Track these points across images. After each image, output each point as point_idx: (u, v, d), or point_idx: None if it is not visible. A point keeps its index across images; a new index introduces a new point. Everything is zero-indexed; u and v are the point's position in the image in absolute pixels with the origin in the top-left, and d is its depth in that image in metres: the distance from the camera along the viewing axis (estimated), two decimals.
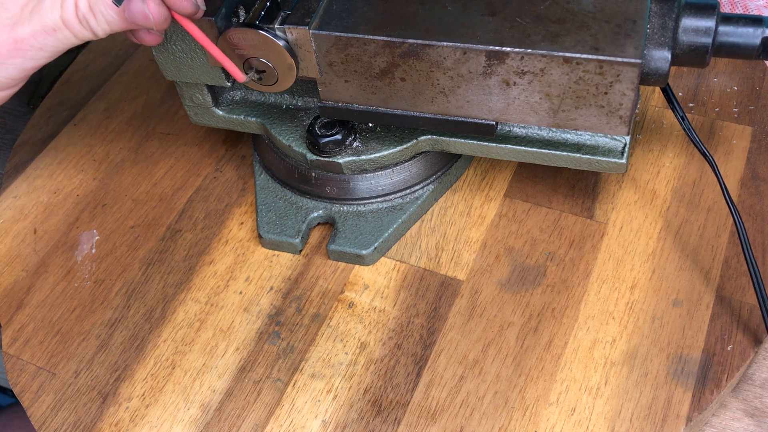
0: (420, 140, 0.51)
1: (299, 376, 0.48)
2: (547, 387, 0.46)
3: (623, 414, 0.45)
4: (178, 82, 0.52)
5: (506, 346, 0.48)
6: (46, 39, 0.43)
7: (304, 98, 0.53)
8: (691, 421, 0.44)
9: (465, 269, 0.52)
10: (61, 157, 0.62)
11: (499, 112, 0.46)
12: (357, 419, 0.46)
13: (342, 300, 0.51)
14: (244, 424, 0.46)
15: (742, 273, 0.50)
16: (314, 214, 0.54)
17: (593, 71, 0.42)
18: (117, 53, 0.71)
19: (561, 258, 0.52)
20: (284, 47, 0.46)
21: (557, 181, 0.56)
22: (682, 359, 0.47)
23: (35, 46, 0.43)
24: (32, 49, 0.43)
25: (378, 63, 0.45)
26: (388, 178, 0.53)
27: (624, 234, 0.52)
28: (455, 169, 0.55)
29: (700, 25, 0.44)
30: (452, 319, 0.49)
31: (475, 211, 0.55)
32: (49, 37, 0.43)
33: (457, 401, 0.46)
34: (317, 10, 0.46)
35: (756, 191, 0.54)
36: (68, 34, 0.43)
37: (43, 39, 0.43)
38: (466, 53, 0.43)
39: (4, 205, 0.60)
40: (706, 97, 0.60)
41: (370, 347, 0.49)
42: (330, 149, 0.51)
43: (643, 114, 0.59)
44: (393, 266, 0.52)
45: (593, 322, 0.48)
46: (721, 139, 0.57)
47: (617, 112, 0.44)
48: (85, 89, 0.68)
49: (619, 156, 0.48)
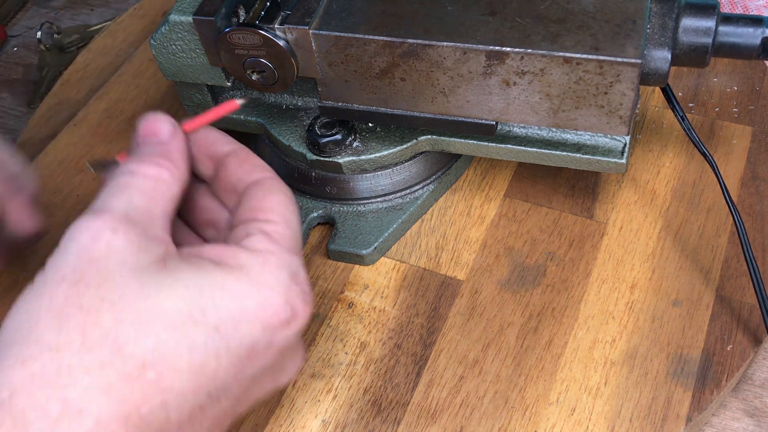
0: (420, 140, 0.51)
1: (299, 376, 0.48)
2: (547, 387, 0.46)
3: (623, 414, 0.45)
4: (177, 82, 0.52)
5: (506, 346, 0.48)
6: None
7: (304, 98, 0.53)
8: (691, 421, 0.44)
9: (465, 269, 0.52)
10: (61, 157, 0.62)
11: (499, 112, 0.46)
12: (357, 419, 0.46)
13: (342, 300, 0.51)
14: (244, 424, 0.46)
15: (742, 273, 0.50)
16: (314, 214, 0.54)
17: (593, 71, 0.42)
18: (117, 53, 0.71)
19: (561, 258, 0.52)
20: (284, 47, 0.46)
21: (557, 181, 0.56)
22: (682, 359, 0.47)
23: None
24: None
25: (378, 63, 0.45)
26: (388, 178, 0.53)
27: (624, 234, 0.52)
28: (455, 169, 0.56)
29: (700, 25, 0.44)
30: (452, 318, 0.49)
31: (475, 211, 0.55)
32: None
33: (457, 401, 0.46)
34: (317, 10, 0.46)
35: (756, 191, 0.54)
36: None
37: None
38: (466, 53, 0.43)
39: None
40: (706, 97, 0.60)
41: (370, 347, 0.49)
42: (330, 149, 0.51)
43: (643, 114, 0.59)
44: (393, 266, 0.52)
45: (593, 322, 0.49)
46: (721, 139, 0.57)
47: (617, 112, 0.44)
48: (85, 89, 0.68)
49: (619, 156, 0.48)
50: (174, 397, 0.31)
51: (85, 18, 0.82)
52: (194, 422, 0.32)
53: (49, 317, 0.31)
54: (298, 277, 0.36)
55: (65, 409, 0.29)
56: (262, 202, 0.37)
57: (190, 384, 0.31)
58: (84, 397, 0.29)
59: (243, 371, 0.33)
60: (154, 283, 0.32)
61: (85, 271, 0.32)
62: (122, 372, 0.30)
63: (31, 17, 0.83)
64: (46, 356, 0.30)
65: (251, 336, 0.33)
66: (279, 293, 0.34)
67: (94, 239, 0.32)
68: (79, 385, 0.29)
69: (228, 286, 0.33)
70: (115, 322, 0.31)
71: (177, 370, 0.31)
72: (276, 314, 0.34)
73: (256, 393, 0.36)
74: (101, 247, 0.32)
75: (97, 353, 0.30)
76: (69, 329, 0.30)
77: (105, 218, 0.33)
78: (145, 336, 0.31)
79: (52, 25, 0.78)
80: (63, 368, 0.30)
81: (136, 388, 0.30)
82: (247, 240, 0.35)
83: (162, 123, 0.38)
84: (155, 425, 0.30)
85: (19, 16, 0.84)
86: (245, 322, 0.33)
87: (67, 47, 0.78)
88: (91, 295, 0.31)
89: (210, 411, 0.33)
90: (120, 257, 0.32)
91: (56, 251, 0.33)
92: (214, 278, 0.33)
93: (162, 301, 0.32)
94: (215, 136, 0.40)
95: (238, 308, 0.33)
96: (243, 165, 0.39)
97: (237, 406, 0.35)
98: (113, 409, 0.29)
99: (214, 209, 0.41)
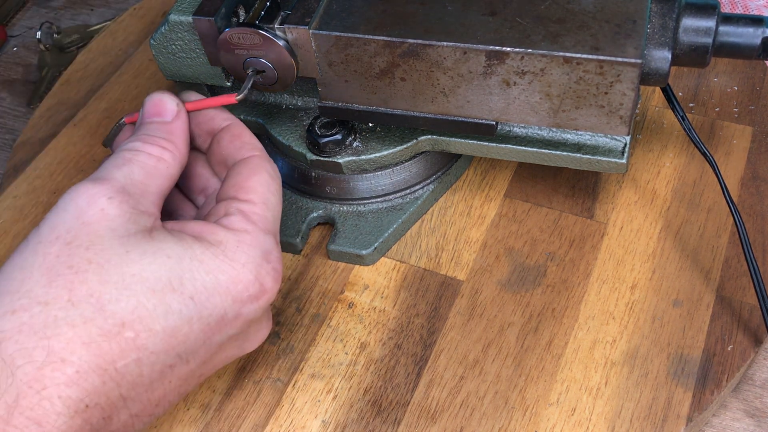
0: (420, 140, 0.51)
1: (299, 376, 0.48)
2: (548, 387, 0.46)
3: (623, 414, 0.45)
4: (177, 82, 0.51)
5: (506, 346, 0.48)
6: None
7: (304, 98, 0.53)
8: (691, 421, 0.44)
9: (465, 269, 0.52)
10: (61, 157, 0.62)
11: (499, 112, 0.46)
12: (357, 419, 0.46)
13: (342, 300, 0.51)
14: (244, 424, 0.46)
15: (743, 273, 0.50)
16: (314, 214, 0.54)
17: (593, 71, 0.42)
18: (117, 53, 0.71)
19: (561, 258, 0.52)
20: (284, 47, 0.46)
21: (557, 181, 0.56)
22: (683, 359, 0.46)
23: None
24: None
25: (378, 63, 0.45)
26: (388, 178, 0.53)
27: (624, 234, 0.52)
28: (455, 169, 0.55)
29: (700, 25, 0.44)
30: (452, 319, 0.49)
31: (475, 211, 0.55)
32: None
33: (457, 401, 0.46)
34: (317, 9, 0.46)
35: (756, 191, 0.54)
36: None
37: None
38: (466, 53, 0.43)
39: (4, 205, 0.60)
40: (707, 97, 0.60)
41: (370, 347, 0.49)
42: (330, 149, 0.51)
43: (644, 114, 0.59)
44: (393, 266, 0.52)
45: (593, 322, 0.48)
46: (721, 139, 0.57)
47: (617, 112, 0.44)
48: (85, 89, 0.68)
49: (619, 156, 0.48)
50: (147, 355, 0.34)
51: (85, 18, 0.82)
52: (164, 380, 0.36)
53: (40, 273, 0.34)
54: (270, 255, 0.39)
55: (50, 357, 0.32)
56: (246, 181, 0.40)
57: (162, 345, 0.35)
58: (67, 348, 0.32)
59: (211, 338, 0.37)
60: (140, 250, 0.35)
61: (78, 232, 0.35)
62: (103, 328, 0.33)
63: (31, 17, 0.83)
64: (36, 308, 0.33)
65: (222, 307, 0.37)
66: (250, 270, 0.37)
67: (90, 203, 0.36)
68: (63, 337, 0.32)
69: (205, 260, 0.36)
70: (100, 282, 0.34)
71: (152, 332, 0.34)
72: (246, 289, 0.37)
73: (222, 357, 0.39)
74: (95, 212, 0.35)
75: (81, 309, 0.33)
76: (58, 286, 0.33)
77: (104, 185, 0.36)
78: (126, 298, 0.34)
79: (52, 25, 0.78)
80: (50, 320, 0.32)
81: (114, 344, 0.33)
82: (226, 219, 0.39)
83: (167, 103, 0.41)
84: (129, 379, 0.34)
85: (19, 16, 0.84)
86: (217, 294, 0.36)
87: (67, 47, 0.78)
88: (80, 256, 0.34)
89: (178, 370, 0.36)
90: (111, 224, 0.35)
91: (53, 210, 0.36)
92: (194, 251, 0.36)
93: (145, 267, 0.35)
94: (213, 112, 0.44)
95: (213, 281, 0.36)
96: (234, 141, 0.43)
97: (203, 368, 0.38)
98: (93, 361, 0.33)
99: (207, 177, 0.45)
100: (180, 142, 0.41)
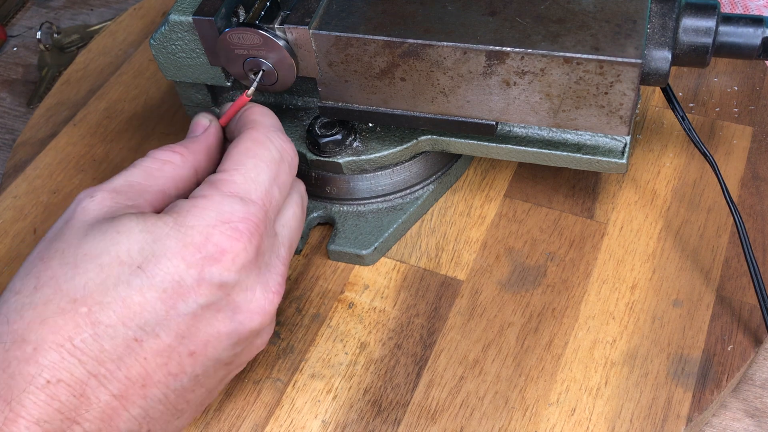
0: (420, 140, 0.51)
1: (299, 376, 0.48)
2: (548, 387, 0.46)
3: (623, 414, 0.45)
4: (177, 82, 0.51)
5: (506, 347, 0.48)
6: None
7: (304, 98, 0.53)
8: (691, 421, 0.44)
9: (465, 269, 0.52)
10: (61, 157, 0.62)
11: (499, 112, 0.46)
12: (357, 419, 0.46)
13: (342, 300, 0.51)
14: (244, 424, 0.46)
15: (743, 273, 0.50)
16: (314, 214, 0.54)
17: (593, 71, 0.42)
18: (117, 53, 0.71)
19: (561, 258, 0.52)
20: (284, 47, 0.46)
21: (557, 181, 0.56)
22: (683, 359, 0.46)
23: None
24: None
25: (378, 63, 0.45)
26: (388, 178, 0.53)
27: (624, 234, 0.52)
28: (455, 169, 0.55)
29: (700, 25, 0.44)
30: (452, 319, 0.49)
31: (475, 211, 0.55)
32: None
33: (457, 401, 0.46)
34: (317, 9, 0.46)
35: (756, 191, 0.54)
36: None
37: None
38: (466, 53, 0.43)
39: (3, 205, 0.60)
40: (707, 97, 0.60)
41: (370, 347, 0.49)
42: (330, 149, 0.51)
43: (644, 114, 0.59)
44: (393, 266, 0.52)
45: (593, 322, 0.48)
46: (721, 139, 0.57)
47: (617, 112, 0.44)
48: (85, 89, 0.68)
49: (619, 156, 0.48)
50: (104, 329, 0.35)
51: (85, 18, 0.82)
52: (136, 355, 0.36)
53: (24, 268, 0.37)
54: (232, 216, 0.38)
55: (14, 339, 0.34)
56: (228, 153, 0.42)
57: (117, 317, 0.35)
58: (27, 329, 0.35)
59: (175, 307, 0.37)
60: (98, 232, 0.37)
61: (60, 231, 0.38)
62: (58, 307, 0.35)
63: (31, 17, 0.83)
64: (11, 299, 0.36)
65: (176, 272, 0.37)
66: (199, 232, 0.37)
67: (76, 204, 0.39)
68: (25, 319, 0.35)
69: (154, 230, 0.37)
70: (59, 265, 0.36)
71: (103, 304, 0.35)
72: (197, 251, 0.37)
73: (208, 330, 0.38)
74: (78, 210, 0.39)
75: (43, 292, 0.36)
76: (29, 276, 0.36)
77: (96, 188, 0.39)
78: (78, 275, 0.36)
79: (51, 25, 0.78)
80: (18, 306, 0.35)
81: (68, 320, 0.35)
82: (195, 190, 0.40)
83: (200, 119, 0.45)
84: (91, 354, 0.35)
85: (18, 16, 0.83)
86: (165, 258, 0.36)
87: (67, 47, 0.78)
88: (52, 248, 0.37)
89: (149, 345, 0.36)
90: (86, 217, 0.38)
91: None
92: (145, 224, 0.37)
93: (95, 245, 0.37)
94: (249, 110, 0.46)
95: (161, 247, 0.37)
96: (238, 123, 0.45)
97: (186, 344, 0.37)
98: (48, 338, 0.34)
99: None
100: (196, 147, 0.43)
